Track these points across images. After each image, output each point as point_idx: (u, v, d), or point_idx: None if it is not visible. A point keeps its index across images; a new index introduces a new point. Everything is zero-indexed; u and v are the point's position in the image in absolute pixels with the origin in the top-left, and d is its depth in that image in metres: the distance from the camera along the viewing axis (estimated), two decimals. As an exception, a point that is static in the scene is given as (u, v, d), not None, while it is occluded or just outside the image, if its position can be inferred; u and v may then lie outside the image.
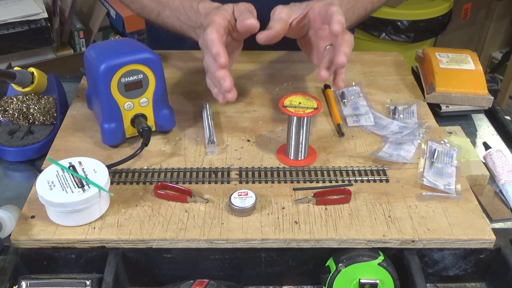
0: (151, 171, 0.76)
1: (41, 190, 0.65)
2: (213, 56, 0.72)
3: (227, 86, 0.71)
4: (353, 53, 1.07)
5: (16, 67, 0.86)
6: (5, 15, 1.82)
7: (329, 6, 0.73)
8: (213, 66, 0.73)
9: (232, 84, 0.71)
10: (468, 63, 0.93)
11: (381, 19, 2.09)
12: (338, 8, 0.72)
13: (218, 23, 0.75)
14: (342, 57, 0.70)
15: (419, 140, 0.81)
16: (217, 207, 0.70)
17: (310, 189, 0.73)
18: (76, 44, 2.04)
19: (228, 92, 0.72)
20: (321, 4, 0.76)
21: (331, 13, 0.72)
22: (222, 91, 0.73)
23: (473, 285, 0.71)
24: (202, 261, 0.68)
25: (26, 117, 0.84)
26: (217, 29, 0.73)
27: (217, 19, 0.75)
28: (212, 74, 0.74)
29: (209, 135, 0.81)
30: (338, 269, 0.64)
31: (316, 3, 0.77)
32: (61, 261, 0.67)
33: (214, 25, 0.74)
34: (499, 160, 0.80)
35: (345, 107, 0.90)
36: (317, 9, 0.76)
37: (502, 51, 2.59)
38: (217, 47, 0.71)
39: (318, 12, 0.76)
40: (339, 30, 0.70)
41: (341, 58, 0.70)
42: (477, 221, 0.68)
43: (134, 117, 0.78)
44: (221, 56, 0.71)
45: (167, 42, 1.06)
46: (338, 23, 0.70)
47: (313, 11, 0.76)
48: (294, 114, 0.73)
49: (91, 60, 0.75)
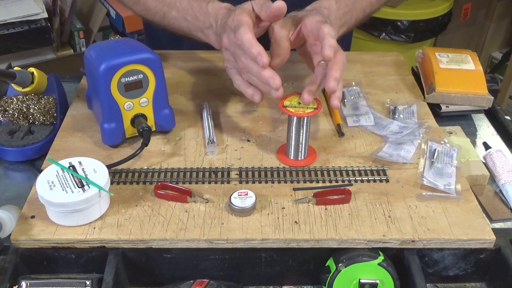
0: (151, 171, 0.76)
1: (41, 190, 0.65)
2: (252, 57, 0.70)
3: (278, 84, 0.70)
4: (353, 53, 1.08)
5: (16, 67, 0.86)
6: (5, 15, 1.82)
7: (321, 26, 0.72)
8: (254, 66, 0.72)
9: (281, 81, 0.71)
10: (468, 63, 0.93)
11: (381, 19, 2.09)
12: (329, 29, 0.71)
13: (248, 23, 0.72)
14: (332, 83, 0.70)
15: (419, 140, 0.81)
16: (217, 207, 0.70)
17: (310, 189, 0.73)
18: (76, 44, 2.04)
19: (278, 89, 0.71)
20: (313, 21, 0.74)
21: (323, 36, 0.70)
22: (269, 90, 0.72)
23: (473, 285, 0.71)
24: (202, 261, 0.68)
25: (26, 117, 0.84)
26: (250, 29, 0.71)
27: (245, 19, 0.73)
28: (256, 74, 0.72)
29: (209, 135, 0.81)
30: (338, 269, 0.64)
31: (308, 19, 0.75)
32: (61, 261, 0.67)
33: (244, 25, 0.72)
34: (499, 160, 0.80)
35: (345, 107, 0.90)
36: (309, 26, 0.74)
37: (502, 51, 2.59)
38: (257, 47, 0.69)
39: (310, 30, 0.74)
40: (330, 55, 0.69)
41: (331, 84, 0.70)
42: (477, 221, 0.68)
43: (134, 117, 0.78)
44: (262, 55, 0.69)
45: (165, 43, 1.06)
46: (329, 47, 0.69)
47: (305, 27, 0.75)
48: (294, 114, 0.73)
49: (91, 60, 0.75)
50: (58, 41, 1.99)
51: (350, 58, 1.05)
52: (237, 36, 0.72)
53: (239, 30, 0.71)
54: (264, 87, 0.73)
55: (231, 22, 0.75)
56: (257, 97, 0.75)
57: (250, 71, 0.73)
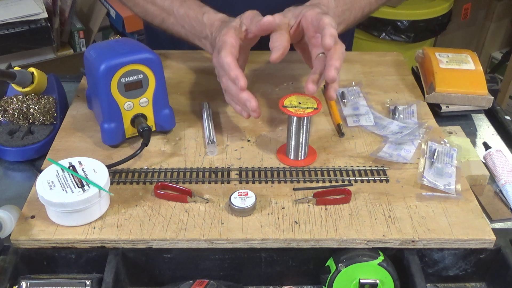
0: (151, 171, 0.76)
1: (41, 190, 0.65)
2: (231, 79, 0.73)
3: (253, 107, 0.73)
4: (353, 53, 1.08)
5: (16, 67, 0.86)
6: (5, 15, 1.82)
7: (322, 17, 0.72)
8: (233, 88, 0.75)
9: (257, 103, 0.73)
10: (468, 63, 0.93)
11: (381, 19, 2.09)
12: (330, 20, 0.72)
13: (231, 44, 0.74)
14: (332, 72, 0.70)
15: (419, 140, 0.81)
16: (217, 207, 0.70)
17: (310, 189, 0.73)
18: (76, 44, 2.04)
19: (255, 111, 0.73)
20: (313, 13, 0.75)
21: (323, 25, 0.71)
22: (248, 111, 0.75)
23: (473, 285, 0.71)
24: (202, 261, 0.68)
25: (26, 117, 0.84)
26: (230, 51, 0.74)
27: (228, 40, 0.75)
28: (234, 96, 0.75)
29: (209, 135, 0.81)
30: (338, 269, 0.64)
31: (308, 11, 0.75)
32: (61, 261, 0.67)
33: (227, 47, 0.74)
34: (499, 160, 0.80)
35: (345, 107, 0.90)
36: (309, 17, 0.75)
37: (502, 51, 2.59)
38: (235, 71, 0.72)
39: (310, 21, 0.75)
40: (331, 43, 0.69)
41: (331, 73, 0.70)
42: (477, 221, 0.68)
43: (134, 117, 0.78)
44: (240, 79, 0.72)
45: (165, 43, 1.06)
46: (330, 36, 0.69)
47: (306, 19, 0.75)
48: (294, 114, 0.73)
49: (91, 60, 0.75)
50: (58, 41, 1.99)
51: (350, 58, 1.05)
52: (218, 59, 0.74)
53: (220, 52, 0.74)
54: (243, 106, 0.76)
55: (217, 42, 0.77)
56: (245, 114, 0.77)
57: (230, 92, 0.76)
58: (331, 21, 0.72)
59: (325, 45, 0.69)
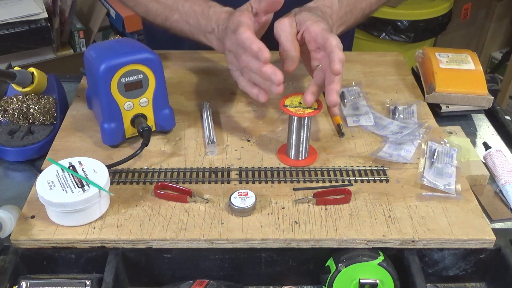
0: (151, 171, 0.76)
1: (41, 190, 0.65)
2: (253, 54, 0.71)
3: (280, 79, 0.70)
4: (353, 53, 1.08)
5: (16, 67, 0.86)
6: (5, 15, 1.82)
7: (328, 37, 0.71)
8: (255, 63, 0.72)
9: (282, 76, 0.70)
10: (468, 63, 0.93)
11: (381, 19, 2.09)
12: (337, 42, 0.71)
13: (247, 22, 0.73)
14: (334, 97, 0.71)
15: (419, 140, 0.81)
16: (217, 207, 0.70)
17: (310, 189, 0.73)
18: (76, 44, 2.04)
19: (280, 85, 0.71)
20: (318, 29, 0.73)
21: (331, 48, 0.70)
22: (270, 88, 0.72)
23: (473, 285, 0.71)
24: (202, 261, 0.68)
25: (26, 117, 0.84)
26: (249, 27, 0.72)
27: (244, 19, 0.74)
28: (257, 71, 0.72)
29: (209, 135, 0.81)
30: (338, 269, 0.64)
31: (312, 26, 0.74)
32: (61, 261, 0.67)
33: (244, 24, 0.73)
34: (499, 160, 0.80)
35: (345, 107, 0.90)
36: (313, 33, 0.73)
37: (502, 51, 2.59)
38: (257, 43, 0.70)
39: (314, 37, 0.74)
40: (340, 70, 0.69)
41: (333, 98, 0.71)
42: (477, 221, 0.68)
43: (134, 117, 0.78)
44: (263, 51, 0.69)
45: (164, 43, 1.06)
46: (339, 62, 0.69)
47: (309, 34, 0.74)
48: (295, 114, 0.73)
49: (91, 60, 0.75)
50: (58, 41, 1.99)
51: (350, 58, 1.05)
52: (237, 36, 0.72)
53: (238, 29, 0.72)
54: (265, 83, 0.73)
55: (231, 24, 0.75)
56: (262, 96, 0.74)
57: (251, 69, 0.73)
58: (338, 42, 0.71)
59: (334, 71, 0.69)
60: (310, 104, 0.73)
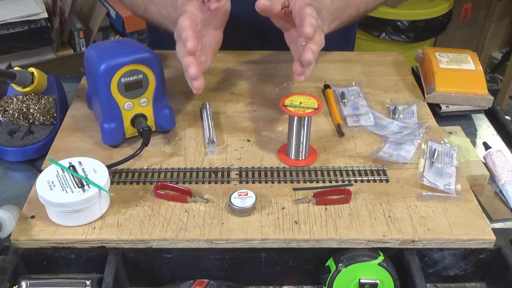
0: (151, 171, 0.76)
1: (41, 190, 0.65)
2: (183, 41, 0.69)
3: (192, 73, 0.68)
4: (353, 53, 1.08)
5: (16, 67, 0.86)
6: (5, 15, 1.82)
7: (304, 7, 0.72)
8: (182, 51, 0.70)
9: (198, 71, 0.68)
10: (468, 63, 0.93)
11: (381, 19, 2.09)
12: (311, 10, 0.71)
13: (191, 12, 0.73)
14: (308, 54, 0.69)
15: (419, 140, 0.81)
16: (217, 207, 0.70)
17: (310, 189, 0.73)
18: (76, 44, 2.04)
19: (195, 79, 0.69)
20: (301, 2, 0.74)
21: (304, 15, 0.71)
22: (188, 79, 0.70)
23: (473, 285, 0.71)
24: (202, 261, 0.68)
25: (26, 117, 0.84)
26: (189, 17, 0.72)
27: (188, 8, 0.73)
28: (182, 59, 0.70)
29: (209, 135, 0.81)
30: (338, 269, 0.64)
31: (297, 1, 0.74)
32: (61, 261, 0.67)
33: (186, 13, 0.72)
34: (499, 160, 0.80)
35: (345, 107, 0.90)
36: (297, 6, 0.74)
37: (502, 51, 2.59)
38: (187, 32, 0.68)
39: (297, 11, 0.74)
40: (310, 32, 0.69)
41: (308, 55, 0.69)
42: (477, 221, 0.68)
43: (134, 117, 0.78)
44: (188, 40, 0.67)
45: (167, 42, 1.06)
46: (309, 26, 0.69)
47: (294, 8, 0.75)
48: (295, 114, 0.73)
49: (91, 60, 0.75)
50: (58, 41, 1.99)
51: (350, 58, 1.05)
52: (177, 25, 0.72)
53: (179, 18, 0.72)
54: (186, 74, 0.71)
55: (177, 13, 0.75)
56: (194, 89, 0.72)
57: (179, 57, 0.72)
58: (312, 11, 0.71)
59: (304, 33, 0.69)
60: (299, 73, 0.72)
